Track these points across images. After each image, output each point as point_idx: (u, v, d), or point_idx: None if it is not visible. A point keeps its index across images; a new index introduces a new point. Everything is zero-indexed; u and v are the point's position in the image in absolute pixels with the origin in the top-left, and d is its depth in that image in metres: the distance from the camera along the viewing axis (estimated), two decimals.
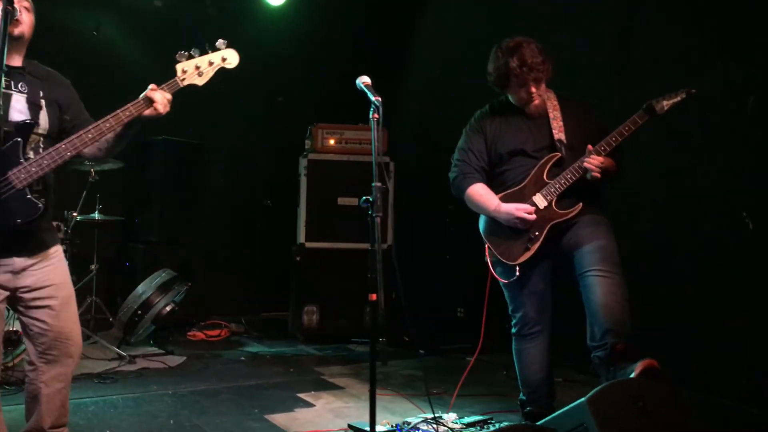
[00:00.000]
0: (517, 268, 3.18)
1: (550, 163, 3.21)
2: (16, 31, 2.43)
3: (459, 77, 6.10)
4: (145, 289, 5.02)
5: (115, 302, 5.55)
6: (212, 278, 6.53)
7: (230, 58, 2.68)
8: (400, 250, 6.27)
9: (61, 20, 5.97)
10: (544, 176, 3.21)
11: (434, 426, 3.23)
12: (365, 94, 2.87)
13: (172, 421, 3.49)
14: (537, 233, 3.16)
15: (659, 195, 4.37)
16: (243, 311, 6.50)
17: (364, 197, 2.75)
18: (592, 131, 3.13)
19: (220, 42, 2.67)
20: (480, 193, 3.30)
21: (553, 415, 2.55)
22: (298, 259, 5.77)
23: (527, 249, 3.18)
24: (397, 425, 3.39)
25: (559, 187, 3.15)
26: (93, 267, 5.41)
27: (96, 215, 5.33)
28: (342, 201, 5.78)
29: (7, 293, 2.51)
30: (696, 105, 3.20)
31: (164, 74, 2.66)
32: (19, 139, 2.38)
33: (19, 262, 2.50)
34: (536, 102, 3.26)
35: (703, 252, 4.02)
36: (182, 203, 6.22)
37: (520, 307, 3.32)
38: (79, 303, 5.38)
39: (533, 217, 3.13)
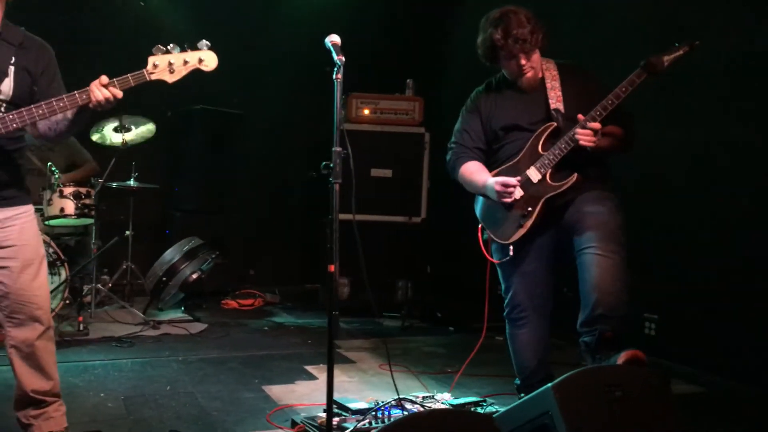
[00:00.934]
0: (511, 248, 2.97)
1: (545, 135, 2.97)
2: None
3: None
4: (172, 255, 5.08)
5: None
6: (251, 248, 6.57)
7: (208, 60, 2.57)
8: (436, 224, 6.18)
9: None
10: (539, 148, 2.98)
11: (412, 404, 3.05)
12: (331, 54, 2.68)
13: (168, 387, 3.50)
14: (530, 209, 2.94)
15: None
16: (282, 282, 6.52)
17: (324, 162, 2.60)
18: (594, 99, 2.85)
19: (202, 42, 2.57)
20: (471, 170, 3.11)
21: (520, 400, 2.36)
22: (328, 231, 5.68)
23: (520, 226, 2.96)
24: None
25: (552, 159, 2.91)
26: (128, 233, 5.51)
27: (132, 182, 5.41)
28: (375, 173, 5.65)
29: None
30: None
31: (217, 43, 2.59)
32: None
33: None
34: (529, 74, 3.02)
35: None
36: (221, 172, 6.25)
37: (509, 288, 3.11)
38: (115, 268, 5.61)
39: (516, 190, 2.91)
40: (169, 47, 2.51)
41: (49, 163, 4.78)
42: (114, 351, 4.16)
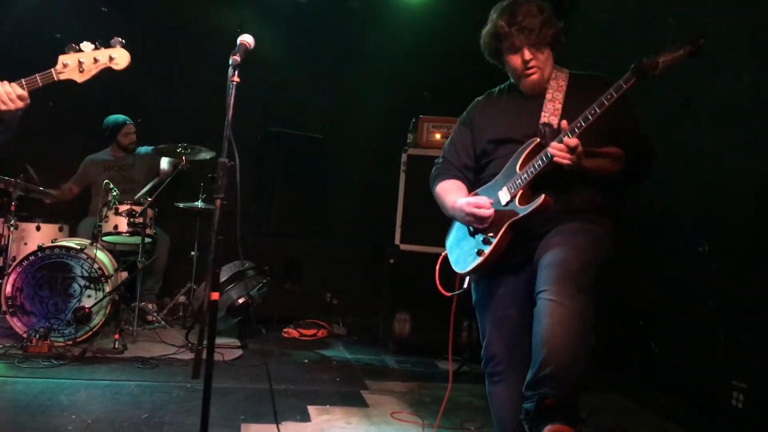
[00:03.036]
0: (466, 280, 2.47)
1: (527, 151, 2.45)
2: None
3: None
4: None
5: None
6: (327, 275, 6.36)
7: (119, 58, 2.43)
8: None
9: (205, 18, 6.24)
10: (518, 167, 2.45)
11: None
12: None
13: (145, 416, 3.31)
14: (491, 234, 2.42)
15: None
16: (358, 312, 6.22)
17: (210, 174, 2.30)
18: (608, 120, 2.27)
19: (115, 39, 2.42)
20: (445, 188, 2.69)
21: None
22: (391, 261, 5.33)
23: (478, 254, 2.44)
24: None
25: (525, 178, 2.38)
26: (193, 254, 5.53)
27: (199, 203, 5.43)
28: None
29: None
30: None
31: (306, 67, 2.47)
32: None
33: None
34: (534, 76, 2.54)
35: None
36: (300, 197, 6.12)
37: (483, 336, 2.58)
38: (178, 288, 5.64)
39: (487, 212, 2.41)
40: (81, 45, 2.36)
41: (105, 181, 4.90)
42: (130, 372, 4.07)
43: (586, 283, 2.13)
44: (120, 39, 2.42)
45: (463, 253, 2.55)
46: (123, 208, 4.89)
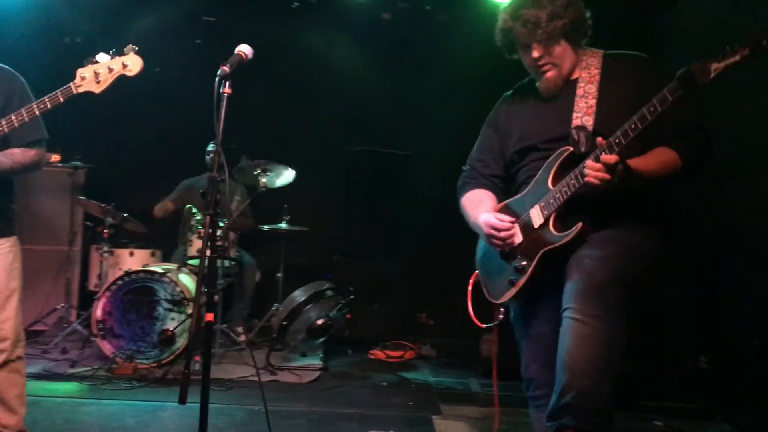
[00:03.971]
0: (500, 311, 2.22)
1: (558, 163, 2.19)
2: None
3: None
4: (295, 298, 4.95)
5: None
6: (419, 295, 6.18)
7: (132, 64, 2.44)
8: None
9: (293, 39, 6.35)
10: (549, 182, 2.18)
11: None
12: None
13: None
14: (525, 263, 2.17)
15: None
16: (452, 335, 5.98)
17: (201, 190, 2.22)
18: (638, 107, 1.98)
19: (128, 47, 2.44)
20: (471, 199, 2.47)
21: None
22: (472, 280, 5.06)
23: (512, 284, 2.21)
24: None
25: (559, 198, 2.12)
26: (279, 275, 5.55)
27: (283, 225, 5.46)
28: None
29: None
30: None
31: (393, 88, 2.51)
32: None
33: None
34: (549, 74, 2.28)
35: None
36: (388, 216, 6.02)
37: (522, 357, 2.33)
38: (263, 310, 5.66)
39: (508, 233, 2.17)
40: (97, 57, 2.39)
41: (188, 206, 5.03)
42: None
43: (613, 298, 1.86)
44: (134, 46, 2.43)
45: (494, 276, 2.34)
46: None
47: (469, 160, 2.61)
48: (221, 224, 4.95)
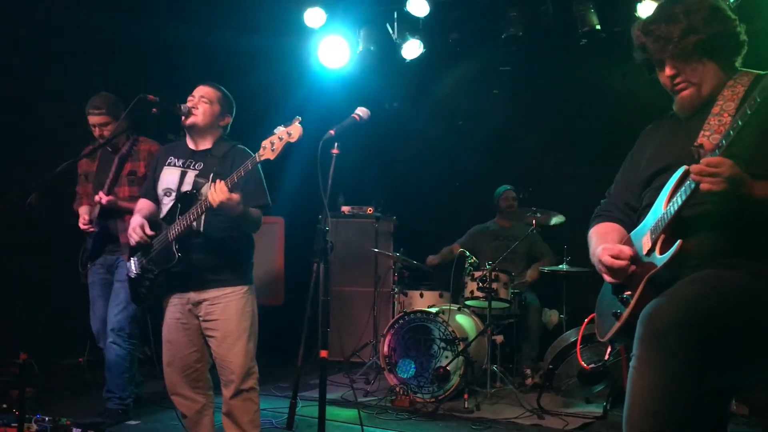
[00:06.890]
0: (608, 349, 1.97)
1: (675, 183, 1.92)
2: (188, 121, 3.14)
3: None
4: (566, 337, 4.78)
5: None
6: None
7: (294, 132, 2.75)
8: None
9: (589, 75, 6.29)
10: (663, 204, 1.92)
11: None
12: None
13: None
14: (629, 293, 1.90)
15: None
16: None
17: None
18: None
19: (295, 119, 2.78)
20: (597, 233, 2.27)
21: None
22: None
23: (616, 317, 1.93)
24: None
25: (666, 218, 1.87)
26: (561, 316, 5.42)
27: (564, 266, 5.36)
28: None
29: (196, 321, 3.17)
30: None
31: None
32: (179, 204, 3.10)
33: (192, 296, 3.15)
34: (684, 93, 2.04)
35: None
36: None
37: None
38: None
39: (621, 262, 1.92)
40: (275, 130, 2.80)
41: (460, 249, 5.30)
42: (456, 430, 4.24)
43: (676, 345, 1.55)
44: (298, 117, 2.77)
45: (604, 313, 2.09)
46: (477, 273, 5.19)
47: (607, 191, 2.38)
48: (487, 266, 5.11)
